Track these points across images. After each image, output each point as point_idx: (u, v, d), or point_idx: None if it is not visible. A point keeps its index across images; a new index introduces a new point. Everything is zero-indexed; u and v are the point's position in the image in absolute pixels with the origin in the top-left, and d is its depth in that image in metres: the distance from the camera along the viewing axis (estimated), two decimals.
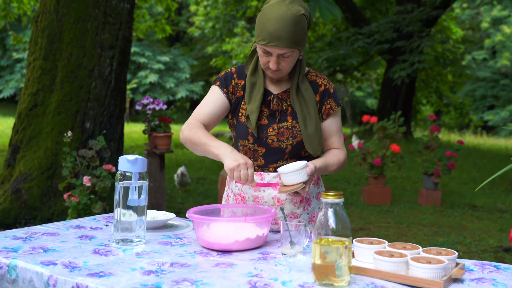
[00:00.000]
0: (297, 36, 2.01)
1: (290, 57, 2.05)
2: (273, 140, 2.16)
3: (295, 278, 1.57)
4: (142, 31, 12.46)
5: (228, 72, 2.26)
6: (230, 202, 2.29)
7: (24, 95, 5.64)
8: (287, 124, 2.16)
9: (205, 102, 2.23)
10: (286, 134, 2.16)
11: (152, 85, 23.26)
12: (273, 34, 1.99)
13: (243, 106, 2.20)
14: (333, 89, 2.24)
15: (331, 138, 2.24)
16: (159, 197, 5.66)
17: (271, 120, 2.17)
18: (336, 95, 2.24)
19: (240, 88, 2.22)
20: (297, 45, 2.03)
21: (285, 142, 2.16)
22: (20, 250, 1.80)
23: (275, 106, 2.17)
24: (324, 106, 2.21)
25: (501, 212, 7.25)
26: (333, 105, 2.22)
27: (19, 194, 5.23)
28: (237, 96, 2.22)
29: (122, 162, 1.88)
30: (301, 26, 2.01)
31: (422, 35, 13.96)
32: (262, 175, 2.17)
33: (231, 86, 2.22)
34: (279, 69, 2.08)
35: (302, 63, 2.17)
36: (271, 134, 2.16)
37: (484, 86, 25.66)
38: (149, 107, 5.53)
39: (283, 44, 1.99)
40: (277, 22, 1.98)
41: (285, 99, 2.19)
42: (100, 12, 5.57)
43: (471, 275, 1.65)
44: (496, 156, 13.86)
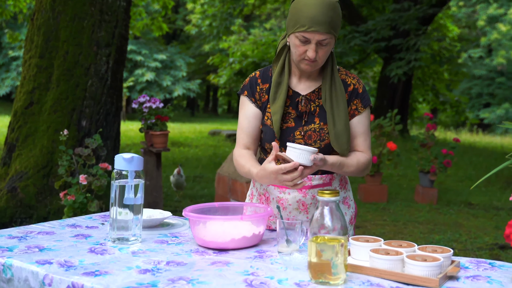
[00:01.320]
0: (335, 22, 1.98)
1: (328, 45, 2.01)
2: (300, 143, 2.10)
3: (291, 276, 1.57)
4: (139, 29, 12.43)
5: (252, 77, 2.22)
6: (254, 201, 2.27)
7: (20, 93, 5.63)
8: (314, 126, 2.11)
9: (241, 122, 2.20)
10: (314, 136, 2.11)
11: (149, 83, 23.24)
12: (314, 19, 1.95)
13: (268, 109, 2.15)
14: (362, 89, 2.17)
15: (355, 140, 2.16)
16: (156, 196, 5.65)
17: (298, 123, 2.12)
18: (364, 96, 2.17)
19: (264, 93, 2.18)
20: (335, 31, 2.00)
21: (313, 145, 2.10)
22: (15, 249, 1.79)
23: (303, 107, 2.12)
24: (350, 106, 2.14)
25: (497, 209, 7.26)
26: (359, 106, 2.15)
27: (14, 192, 5.22)
28: (262, 101, 2.18)
29: (118, 161, 1.88)
30: (338, 12, 1.99)
31: (419, 33, 13.98)
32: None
33: (256, 93, 2.18)
34: (316, 59, 2.02)
35: (333, 57, 2.13)
36: (298, 136, 2.11)
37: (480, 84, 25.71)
38: (146, 105, 5.52)
39: (323, 29, 1.95)
40: (317, 6, 1.95)
41: (313, 100, 2.13)
42: (96, 10, 5.56)
43: (466, 272, 1.66)
44: (491, 154, 13.89)
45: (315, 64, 2.05)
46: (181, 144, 14.03)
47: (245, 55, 17.45)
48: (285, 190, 2.14)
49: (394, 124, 7.81)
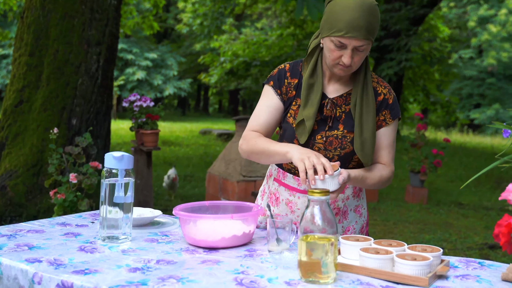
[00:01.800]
0: (374, 27, 1.88)
1: (365, 51, 1.91)
2: (320, 148, 2.03)
3: (281, 275, 1.57)
4: (130, 28, 12.40)
5: (281, 69, 2.11)
6: (264, 198, 2.24)
7: (10, 91, 5.60)
8: (337, 132, 2.02)
9: (259, 109, 2.09)
10: (335, 143, 2.02)
11: (140, 82, 23.18)
12: (351, 24, 1.84)
13: (293, 106, 2.06)
14: (393, 100, 2.06)
15: (379, 151, 2.06)
16: (146, 194, 5.64)
17: (321, 126, 2.03)
18: (394, 107, 2.06)
19: (292, 88, 2.07)
20: (373, 36, 1.89)
21: (332, 152, 2.03)
22: (4, 247, 1.78)
23: (329, 111, 2.02)
24: (378, 117, 2.05)
25: (487, 209, 7.31)
26: (387, 117, 2.05)
27: (4, 191, 5.19)
28: (288, 96, 2.08)
29: (108, 159, 1.87)
30: (377, 16, 1.89)
31: (410, 34, 14.03)
32: (300, 180, 2.06)
33: (284, 87, 2.08)
34: (350, 65, 1.93)
35: (368, 62, 2.04)
36: (318, 141, 2.03)
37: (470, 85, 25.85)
38: (136, 104, 5.51)
39: (361, 35, 1.85)
40: (356, 11, 1.84)
41: (340, 105, 2.04)
42: (87, 8, 5.53)
43: (456, 271, 1.67)
44: (482, 154, 13.97)
45: (349, 69, 1.96)
46: (172, 143, 14.01)
47: (236, 55, 17.45)
48: (295, 193, 2.09)
49: None
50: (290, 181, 2.10)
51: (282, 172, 2.13)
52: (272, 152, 1.97)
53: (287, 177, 2.11)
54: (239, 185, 6.22)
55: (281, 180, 2.14)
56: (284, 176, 2.12)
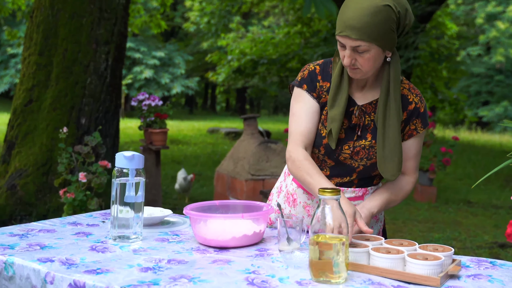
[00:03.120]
0: (374, 28, 1.77)
1: (367, 53, 1.82)
2: (346, 158, 1.98)
3: (293, 274, 1.57)
4: (137, 27, 12.43)
5: (311, 71, 2.02)
6: (280, 196, 2.20)
7: (19, 90, 5.62)
8: (365, 143, 1.96)
9: (299, 117, 1.99)
10: (362, 154, 1.97)
11: (147, 81, 23.22)
12: (346, 23, 1.79)
13: (324, 112, 1.99)
14: (424, 108, 1.98)
15: (407, 161, 2.00)
16: (155, 193, 5.65)
17: (349, 135, 1.96)
18: (425, 116, 1.98)
19: (325, 92, 1.99)
20: (374, 39, 1.78)
21: (358, 162, 1.98)
22: (16, 247, 1.79)
23: (357, 119, 1.96)
24: (409, 126, 1.97)
25: (496, 208, 7.28)
26: (419, 126, 1.98)
27: (14, 190, 5.22)
28: (322, 100, 2.00)
29: (119, 159, 1.88)
30: (382, 18, 1.77)
31: (417, 31, 13.98)
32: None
33: (317, 90, 2.00)
34: (357, 66, 1.85)
35: (392, 68, 1.90)
36: (345, 151, 1.97)
37: (478, 82, 25.74)
38: (145, 103, 5.52)
39: (354, 34, 1.77)
40: (353, 9, 1.78)
41: (369, 113, 1.96)
42: (95, 8, 5.55)
43: (468, 271, 1.66)
44: (490, 152, 13.91)
45: (358, 71, 1.87)
46: (179, 142, 14.03)
47: (244, 53, 17.44)
48: (313, 198, 2.06)
49: None
50: None
51: None
52: (309, 187, 1.91)
53: None
54: (248, 183, 6.23)
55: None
56: None
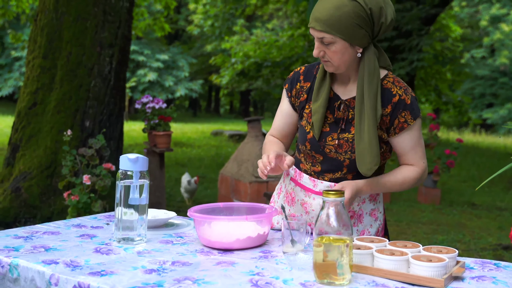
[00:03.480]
0: (338, 21, 1.83)
1: (333, 46, 1.88)
2: (331, 150, 2.01)
3: (297, 276, 1.58)
4: (141, 30, 12.45)
5: (296, 71, 2.13)
6: (281, 197, 2.23)
7: (24, 93, 5.64)
8: (349, 136, 1.98)
9: (277, 112, 2.18)
10: (345, 147, 1.99)
11: (151, 84, 23.26)
12: (313, 15, 1.87)
13: (306, 110, 2.06)
14: (411, 100, 1.97)
15: (405, 155, 2.02)
16: (159, 196, 5.66)
17: (333, 128, 2.01)
18: (414, 107, 1.97)
19: (304, 92, 2.08)
20: (338, 31, 1.84)
21: (343, 155, 2.00)
22: (21, 249, 1.80)
23: (341, 113, 2.00)
24: (397, 119, 1.96)
25: (500, 210, 7.26)
26: (408, 118, 1.96)
27: (18, 193, 5.23)
28: (300, 100, 2.09)
29: (123, 161, 1.88)
30: (346, 12, 1.83)
31: (421, 34, 13.97)
32: (315, 182, 2.06)
33: (294, 90, 2.10)
34: (326, 59, 1.92)
35: (367, 63, 1.93)
36: (329, 143, 2.00)
37: (483, 84, 25.70)
38: (149, 105, 5.53)
39: (318, 26, 1.85)
40: (321, 3, 1.87)
41: (352, 107, 1.99)
42: (99, 11, 5.57)
43: (472, 273, 1.66)
44: (494, 154, 13.89)
45: (329, 64, 1.94)
46: (183, 145, 14.04)
47: (247, 56, 17.45)
48: (310, 194, 2.08)
49: None
50: (306, 182, 2.09)
51: (299, 173, 2.12)
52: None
53: (303, 177, 2.10)
54: (252, 186, 6.23)
55: (297, 180, 2.13)
56: (300, 177, 2.11)
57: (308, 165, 2.09)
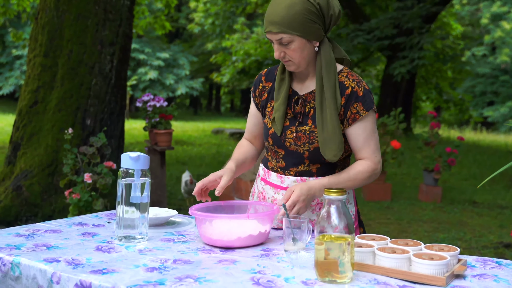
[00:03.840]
0: (291, 20, 1.92)
1: (292, 44, 1.96)
2: (291, 144, 2.08)
3: (298, 274, 1.58)
4: (142, 28, 12.44)
5: (260, 74, 2.25)
6: (254, 198, 2.30)
7: (25, 92, 5.64)
8: (306, 128, 2.06)
9: (248, 116, 2.29)
10: (303, 139, 2.06)
11: (152, 82, 23.24)
12: (267, 19, 1.96)
13: (268, 108, 2.16)
14: (363, 92, 2.03)
15: (358, 148, 2.07)
16: (160, 194, 5.66)
17: (292, 122, 2.09)
18: (367, 98, 2.03)
19: (266, 91, 2.18)
20: (293, 29, 1.93)
21: (302, 147, 2.07)
22: (23, 247, 1.80)
23: (299, 108, 2.08)
24: (350, 110, 2.03)
25: (501, 208, 7.26)
26: (360, 109, 2.02)
27: (20, 191, 5.24)
28: (262, 99, 2.19)
29: (124, 159, 1.89)
30: (298, 10, 1.92)
31: (422, 32, 13.97)
32: (282, 177, 2.12)
33: (257, 90, 2.21)
34: (288, 59, 2.00)
35: (323, 57, 2.02)
36: (289, 136, 2.08)
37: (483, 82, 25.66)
38: (150, 104, 5.53)
39: (275, 28, 1.93)
40: (272, 6, 1.95)
41: (309, 101, 2.08)
42: (100, 9, 5.56)
43: (473, 271, 1.66)
44: (496, 152, 13.88)
45: (291, 63, 2.02)
46: (184, 143, 14.04)
47: (248, 54, 17.45)
48: (279, 190, 2.14)
49: (398, 123, 7.80)
50: (274, 179, 2.16)
51: (267, 171, 2.21)
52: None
53: (271, 175, 2.18)
54: (252, 184, 6.23)
55: (266, 179, 2.21)
56: (268, 175, 2.19)
57: (273, 162, 2.17)
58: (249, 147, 2.29)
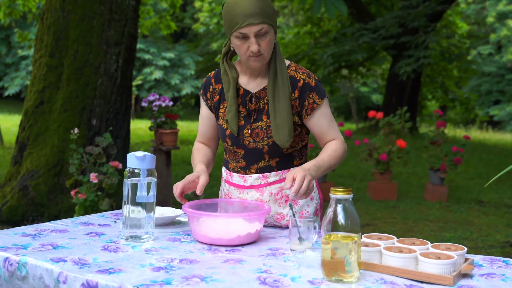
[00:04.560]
0: (267, 11, 2.00)
1: (268, 34, 2.02)
2: (250, 141, 2.14)
3: (305, 274, 1.57)
4: (147, 28, 12.45)
5: (208, 77, 2.27)
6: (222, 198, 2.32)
7: (31, 92, 5.66)
8: (262, 124, 2.13)
9: (199, 119, 2.32)
10: (261, 134, 2.12)
11: (157, 82, 23.26)
12: (245, 13, 1.98)
13: (221, 109, 2.20)
14: (315, 82, 2.14)
15: (324, 133, 2.16)
16: (166, 194, 5.67)
17: (247, 120, 2.15)
18: (319, 88, 2.13)
19: (217, 93, 2.22)
20: (270, 19, 2.01)
21: (261, 142, 2.13)
22: (29, 247, 1.80)
23: (253, 105, 2.14)
24: (306, 101, 2.12)
25: (508, 207, 7.23)
26: (316, 98, 2.12)
27: (26, 191, 5.25)
28: (214, 101, 2.23)
29: (130, 159, 1.89)
30: (266, 2, 2.02)
31: (428, 30, 13.92)
32: (245, 177, 2.18)
33: (209, 93, 2.24)
34: (261, 53, 2.04)
35: (277, 50, 2.13)
36: (246, 135, 2.14)
37: (489, 81, 25.57)
38: (155, 103, 5.53)
39: (256, 19, 1.98)
40: (242, 2, 1.99)
41: (262, 97, 2.14)
42: (105, 9, 5.57)
43: (480, 270, 1.65)
44: (502, 151, 13.83)
45: (262, 58, 2.06)
46: (189, 142, 14.06)
47: None
48: (243, 190, 2.18)
49: (403, 122, 7.79)
50: (237, 180, 2.20)
51: (229, 173, 2.24)
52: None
53: (234, 176, 2.22)
54: None
55: (230, 181, 2.24)
56: (231, 177, 2.23)
57: (233, 163, 2.21)
58: (207, 150, 2.32)
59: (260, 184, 2.16)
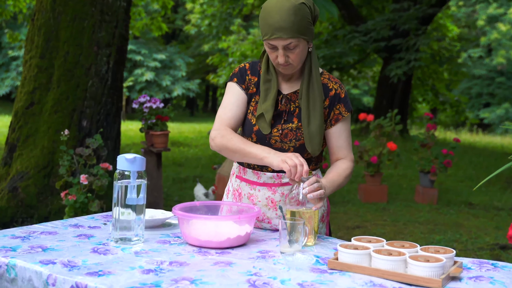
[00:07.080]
0: (299, 25, 1.99)
1: (297, 48, 2.03)
2: (276, 141, 2.14)
3: (294, 276, 1.58)
4: (138, 29, 12.43)
5: (242, 67, 2.24)
6: (229, 196, 2.32)
7: (21, 93, 5.63)
8: (292, 125, 2.14)
9: (227, 104, 2.20)
10: (290, 135, 2.14)
11: (148, 83, 23.22)
12: (275, 26, 1.98)
13: (252, 103, 2.19)
14: (345, 94, 2.19)
15: (339, 145, 2.20)
16: (156, 196, 5.66)
17: (276, 121, 2.15)
18: (347, 100, 2.20)
19: (253, 85, 2.20)
20: (301, 33, 2.00)
21: (288, 143, 2.14)
22: (18, 249, 1.79)
23: (283, 106, 2.15)
24: (333, 111, 2.17)
25: (497, 209, 7.27)
26: (343, 110, 2.18)
27: (15, 192, 5.22)
28: (249, 92, 2.20)
29: (120, 161, 1.88)
30: (302, 15, 2.00)
31: (418, 33, 13.99)
32: (259, 174, 2.18)
33: (246, 82, 2.21)
34: (289, 63, 2.06)
35: (313, 57, 2.14)
36: (275, 134, 2.14)
37: (480, 84, 25.70)
38: (146, 105, 5.52)
39: (285, 34, 1.98)
40: (277, 13, 1.98)
41: (293, 100, 2.16)
42: (96, 10, 5.56)
43: (469, 273, 1.66)
44: (492, 154, 13.90)
45: (290, 67, 2.08)
46: (180, 144, 14.03)
47: (245, 55, 17.45)
48: (255, 187, 2.19)
49: (394, 124, 7.81)
50: (250, 176, 2.20)
51: (243, 169, 2.24)
52: (248, 154, 2.07)
53: (247, 172, 2.22)
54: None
55: (242, 176, 2.24)
56: (244, 172, 2.23)
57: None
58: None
59: (273, 183, 2.16)
